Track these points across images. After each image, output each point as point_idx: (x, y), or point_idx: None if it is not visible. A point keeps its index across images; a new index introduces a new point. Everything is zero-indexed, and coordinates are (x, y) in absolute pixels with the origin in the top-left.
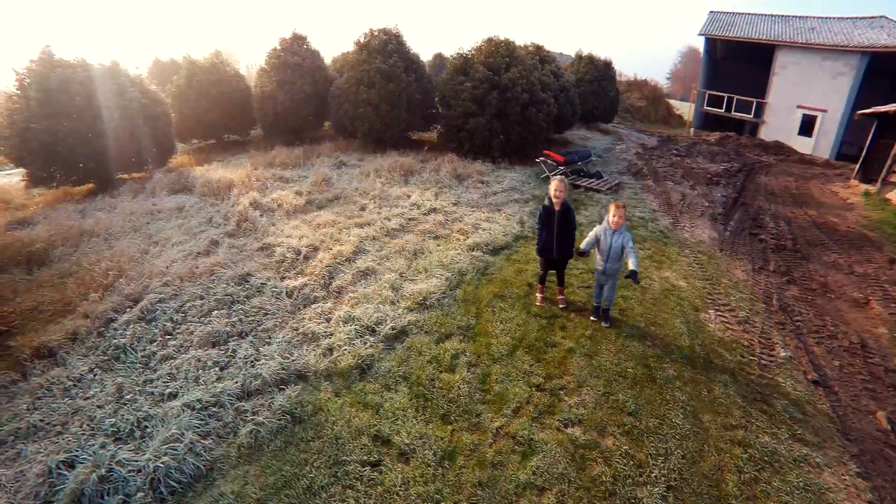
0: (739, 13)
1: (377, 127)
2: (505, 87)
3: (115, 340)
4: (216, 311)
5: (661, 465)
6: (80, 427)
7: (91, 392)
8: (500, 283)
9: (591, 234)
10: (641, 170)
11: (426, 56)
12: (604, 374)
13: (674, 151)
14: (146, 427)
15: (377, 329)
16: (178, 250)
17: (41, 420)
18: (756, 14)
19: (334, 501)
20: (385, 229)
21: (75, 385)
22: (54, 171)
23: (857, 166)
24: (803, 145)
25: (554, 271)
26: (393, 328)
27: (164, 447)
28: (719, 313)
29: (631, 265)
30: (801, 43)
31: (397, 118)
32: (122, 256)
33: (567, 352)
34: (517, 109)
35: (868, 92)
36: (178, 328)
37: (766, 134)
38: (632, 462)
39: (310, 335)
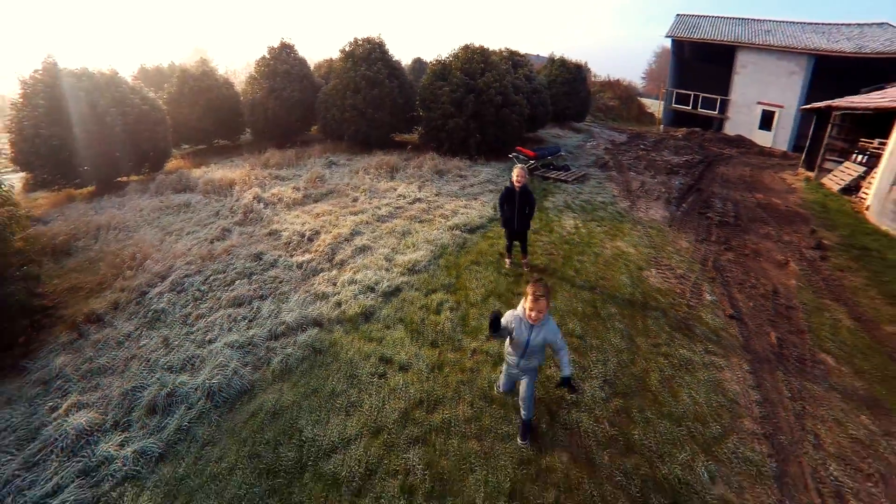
0: (704, 16)
1: (363, 129)
2: (480, 90)
3: (153, 306)
4: (238, 281)
5: (601, 368)
6: (140, 366)
7: (142, 343)
8: (475, 253)
9: (505, 320)
10: (607, 163)
11: (406, 60)
12: (558, 312)
13: (641, 146)
14: (195, 363)
15: (376, 288)
16: (193, 238)
17: (107, 363)
18: (719, 17)
19: (351, 399)
20: (376, 216)
21: (126, 339)
22: (58, 175)
23: (803, 156)
24: (763, 139)
25: (518, 242)
26: (389, 287)
27: (215, 371)
28: (660, 271)
29: (564, 369)
30: (758, 44)
31: (381, 121)
32: (143, 243)
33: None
34: (492, 111)
35: (818, 89)
36: (207, 296)
37: (730, 129)
38: (578, 366)
39: (321, 295)
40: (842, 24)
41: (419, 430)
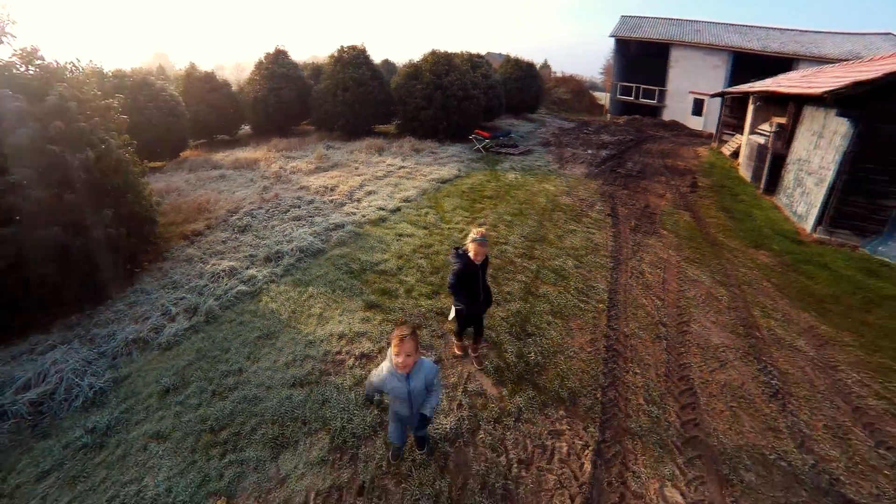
0: (645, 17)
1: (351, 121)
2: (446, 87)
3: (238, 224)
4: (292, 209)
5: (520, 231)
6: (247, 248)
7: (241, 239)
8: (446, 193)
9: (373, 379)
10: (550, 142)
11: (376, 61)
12: (498, 213)
13: (584, 131)
14: (284, 242)
15: (385, 207)
16: (244, 192)
17: (222, 249)
18: (657, 17)
19: (384, 248)
20: (375, 176)
21: (227, 239)
22: None
23: (715, 133)
24: (696, 123)
25: (474, 326)
26: (393, 207)
27: (300, 241)
28: (569, 197)
29: (426, 408)
30: (688, 42)
31: (366, 114)
32: (208, 195)
33: (484, 209)
34: (455, 104)
35: (738, 80)
36: (274, 217)
37: (668, 116)
38: (507, 230)
39: (350, 213)
40: (757, 27)
41: (422, 255)
